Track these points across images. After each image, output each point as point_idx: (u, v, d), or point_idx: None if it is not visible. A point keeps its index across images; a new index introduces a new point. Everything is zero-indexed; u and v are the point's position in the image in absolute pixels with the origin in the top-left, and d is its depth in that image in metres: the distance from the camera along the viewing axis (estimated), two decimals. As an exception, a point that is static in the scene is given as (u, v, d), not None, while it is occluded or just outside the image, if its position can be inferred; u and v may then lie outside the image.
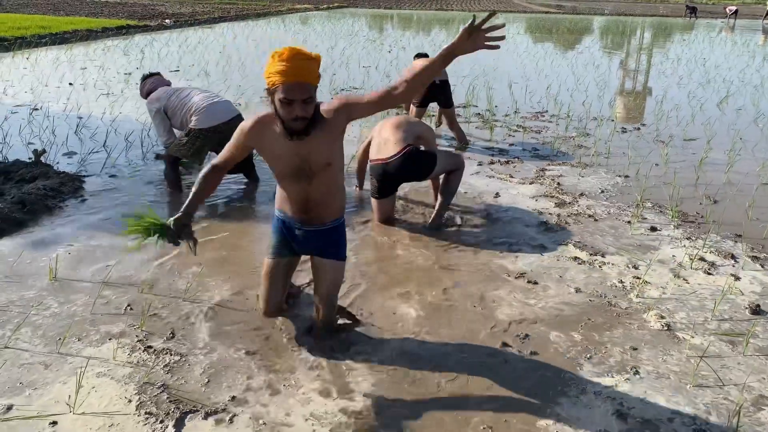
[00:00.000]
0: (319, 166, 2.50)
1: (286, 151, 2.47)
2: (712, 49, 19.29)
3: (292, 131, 2.39)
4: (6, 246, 3.85)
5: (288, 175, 2.54)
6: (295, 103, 2.30)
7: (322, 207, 2.64)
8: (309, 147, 2.46)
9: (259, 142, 2.52)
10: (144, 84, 5.09)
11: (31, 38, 14.83)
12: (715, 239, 4.27)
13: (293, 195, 2.61)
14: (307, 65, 2.31)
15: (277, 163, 2.53)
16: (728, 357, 2.87)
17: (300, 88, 2.29)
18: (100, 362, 2.69)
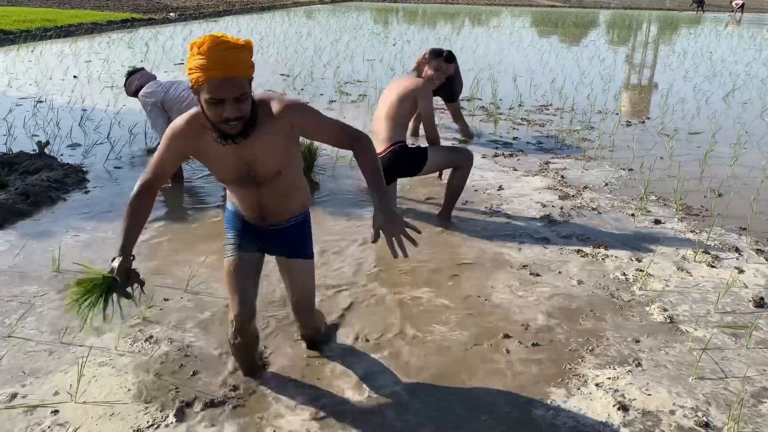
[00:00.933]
0: (267, 175, 2.13)
1: (228, 157, 2.06)
2: (719, 43, 19.17)
3: (226, 135, 1.95)
4: (10, 237, 3.86)
5: (232, 182, 2.17)
6: (225, 103, 1.88)
7: (278, 211, 2.31)
8: (253, 152, 2.06)
9: (195, 146, 2.07)
10: (131, 80, 4.97)
11: (36, 31, 14.84)
12: (719, 232, 4.25)
13: (244, 199, 2.26)
14: (234, 56, 1.87)
15: (218, 170, 2.14)
16: (730, 349, 2.86)
17: (228, 85, 1.86)
18: (101, 352, 2.70)
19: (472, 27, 24.54)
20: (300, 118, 2.07)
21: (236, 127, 1.93)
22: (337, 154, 5.57)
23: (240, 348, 2.43)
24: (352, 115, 7.46)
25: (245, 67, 1.92)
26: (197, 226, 4.17)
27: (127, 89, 5.03)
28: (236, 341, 2.39)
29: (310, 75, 10.48)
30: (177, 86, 4.80)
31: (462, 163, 4.24)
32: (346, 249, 3.82)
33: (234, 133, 1.95)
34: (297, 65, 11.54)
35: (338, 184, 5.03)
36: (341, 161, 5.50)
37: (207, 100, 1.89)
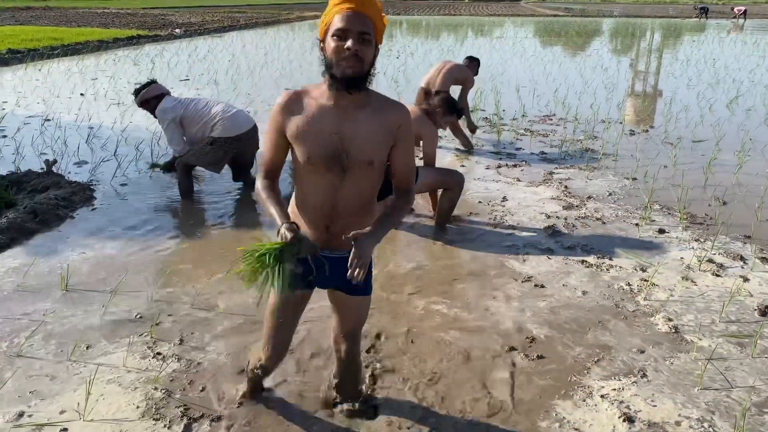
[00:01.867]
0: (358, 158, 1.93)
1: (324, 126, 1.91)
2: (722, 50, 19.18)
3: (342, 75, 1.81)
4: (19, 255, 3.91)
5: (318, 160, 1.92)
6: (350, 35, 1.80)
7: (350, 220, 2.01)
8: (353, 129, 1.91)
9: (292, 115, 1.95)
10: (149, 89, 4.99)
11: (43, 50, 15.02)
12: (723, 241, 4.25)
13: (318, 195, 1.99)
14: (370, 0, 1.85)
15: (309, 142, 1.93)
16: (735, 359, 2.86)
17: (357, 18, 1.80)
18: (110, 369, 2.73)
19: (476, 38, 24.66)
20: (406, 127, 1.98)
21: (353, 64, 1.80)
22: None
23: (257, 380, 2.51)
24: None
25: (377, 11, 1.86)
26: (205, 243, 4.20)
27: (143, 95, 4.98)
28: (256, 375, 2.43)
29: (314, 89, 10.54)
30: (196, 103, 4.89)
31: (452, 186, 4.33)
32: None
33: (349, 74, 1.81)
34: (302, 79, 11.62)
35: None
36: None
37: (334, 32, 1.81)
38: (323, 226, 2.03)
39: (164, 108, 4.86)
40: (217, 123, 4.75)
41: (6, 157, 6.02)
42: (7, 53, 14.11)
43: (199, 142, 4.86)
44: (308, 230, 2.05)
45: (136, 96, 5.03)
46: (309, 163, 1.94)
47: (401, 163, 2.02)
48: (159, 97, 4.95)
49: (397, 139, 1.96)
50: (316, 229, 2.04)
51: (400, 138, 1.96)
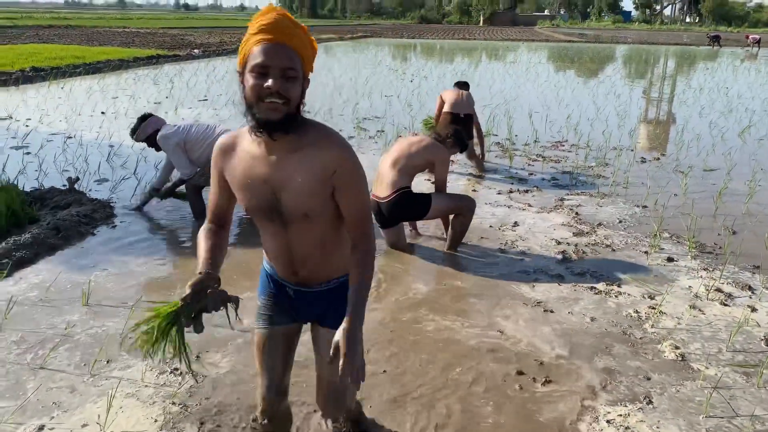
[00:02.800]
0: (294, 212, 1.75)
1: (255, 175, 1.73)
2: (736, 78, 19.24)
3: (265, 119, 1.60)
4: (42, 270, 4.03)
5: (256, 211, 1.81)
6: (271, 72, 1.57)
7: (312, 265, 1.89)
8: (282, 176, 1.71)
9: (227, 162, 1.79)
10: (147, 124, 5.02)
11: (66, 68, 15.37)
12: (732, 270, 4.30)
13: (272, 243, 1.89)
14: (291, 25, 1.62)
15: (242, 192, 1.79)
16: (741, 388, 2.90)
17: (277, 51, 1.58)
18: (129, 383, 2.82)
19: (489, 62, 24.89)
20: (344, 171, 1.72)
21: (277, 108, 1.58)
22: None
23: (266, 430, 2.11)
24: (370, 150, 7.63)
25: (301, 41, 1.63)
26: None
27: (140, 133, 5.01)
28: (262, 423, 2.09)
29: (329, 111, 10.73)
30: (198, 128, 4.94)
31: (463, 211, 4.42)
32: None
33: (274, 119, 1.59)
34: (317, 102, 11.81)
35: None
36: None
37: (251, 70, 1.58)
38: (290, 271, 1.91)
39: (166, 135, 4.88)
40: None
41: (29, 174, 6.19)
42: (30, 71, 14.45)
43: (203, 165, 4.86)
44: (279, 272, 1.96)
45: (134, 133, 5.02)
46: (249, 214, 1.84)
47: (347, 209, 1.78)
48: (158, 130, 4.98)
49: (336, 185, 1.73)
50: (285, 271, 1.93)
51: (340, 184, 1.73)
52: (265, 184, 1.73)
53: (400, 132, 8.83)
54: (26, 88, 12.76)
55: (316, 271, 1.91)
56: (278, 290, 2.02)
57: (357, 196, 1.77)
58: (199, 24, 57.87)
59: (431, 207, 4.29)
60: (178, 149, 4.89)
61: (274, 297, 2.04)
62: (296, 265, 1.89)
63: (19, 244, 4.21)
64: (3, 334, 3.21)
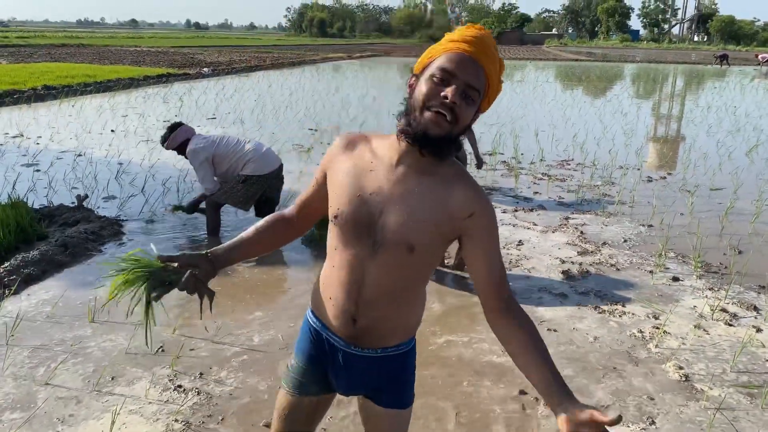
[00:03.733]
0: (393, 237, 1.43)
1: (365, 182, 1.47)
2: (744, 97, 19.24)
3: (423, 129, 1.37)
4: (50, 286, 4.07)
5: (345, 222, 1.47)
6: (454, 81, 1.36)
7: (379, 313, 1.52)
8: (401, 196, 1.43)
9: (339, 159, 1.54)
10: (176, 134, 5.03)
11: (77, 86, 15.57)
12: (737, 290, 4.29)
13: (344, 269, 1.50)
14: (494, 51, 1.42)
15: (340, 195, 1.50)
16: (745, 410, 2.88)
17: (472, 65, 1.37)
18: (133, 400, 2.84)
19: (497, 81, 24.97)
20: (487, 218, 1.45)
21: (443, 122, 1.36)
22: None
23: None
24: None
25: (495, 69, 1.43)
26: (230, 279, 4.33)
27: (171, 142, 5.01)
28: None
29: (337, 130, 10.81)
30: (227, 141, 4.95)
31: None
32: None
33: (434, 133, 1.36)
34: (324, 120, 11.90)
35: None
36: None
37: (434, 72, 1.38)
38: (349, 316, 1.52)
39: (196, 149, 4.88)
40: (249, 161, 4.84)
41: (39, 191, 6.27)
42: (42, 89, 14.65)
43: (229, 180, 4.92)
44: (331, 319, 1.56)
45: (165, 141, 5.03)
46: (335, 223, 1.50)
47: (488, 267, 1.46)
48: (189, 139, 5.00)
49: (471, 232, 1.44)
50: (341, 317, 1.54)
51: (476, 231, 1.44)
52: (375, 196, 1.44)
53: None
54: (38, 106, 12.93)
55: (380, 324, 1.53)
56: (320, 353, 1.64)
57: (496, 251, 1.48)
58: (210, 43, 58.55)
59: None
60: (206, 164, 4.89)
61: (312, 361, 1.66)
62: (360, 309, 1.50)
63: (28, 261, 4.26)
64: (11, 349, 3.25)
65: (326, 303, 1.56)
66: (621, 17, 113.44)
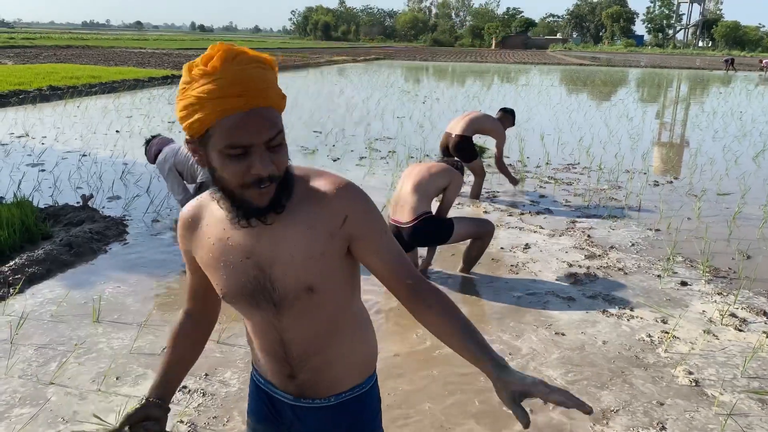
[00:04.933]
0: (290, 289, 1.25)
1: (231, 251, 1.27)
2: (750, 102, 19.19)
3: (251, 211, 1.18)
4: (55, 286, 4.05)
5: (236, 297, 1.31)
6: (252, 153, 1.12)
7: (317, 363, 1.35)
8: (271, 247, 1.24)
9: (193, 239, 1.33)
10: (150, 146, 5.11)
11: (82, 87, 15.61)
12: (746, 295, 4.25)
13: (261, 338, 1.38)
14: (261, 74, 1.13)
15: (216, 276, 1.31)
16: (757, 416, 2.85)
17: (257, 122, 1.11)
18: (137, 400, 2.81)
19: (501, 84, 25.00)
20: (361, 213, 1.26)
21: (268, 193, 1.16)
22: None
23: None
24: (381, 171, 7.65)
25: (276, 92, 1.16)
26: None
27: (148, 157, 5.15)
28: None
29: (341, 132, 10.80)
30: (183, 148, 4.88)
31: (483, 236, 4.41)
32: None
33: (264, 204, 1.17)
34: (329, 122, 11.89)
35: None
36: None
37: (222, 151, 1.11)
38: (285, 374, 1.37)
39: (160, 160, 4.91)
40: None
41: (44, 191, 6.26)
42: (48, 90, 14.69)
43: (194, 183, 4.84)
44: (271, 376, 1.41)
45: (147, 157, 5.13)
46: (228, 301, 1.33)
47: (383, 260, 1.28)
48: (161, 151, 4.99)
49: (354, 234, 1.25)
50: (279, 375, 1.39)
51: (358, 231, 1.25)
52: (248, 260, 1.25)
53: (412, 153, 8.87)
54: (43, 106, 12.96)
55: (323, 371, 1.36)
56: (270, 411, 1.46)
57: (384, 239, 1.29)
58: (214, 45, 58.47)
59: (454, 232, 4.25)
60: (172, 174, 4.85)
61: (264, 421, 1.48)
62: (294, 366, 1.35)
63: (33, 260, 4.24)
64: (16, 347, 3.23)
65: (262, 360, 1.41)
66: (625, 22, 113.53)
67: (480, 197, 6.66)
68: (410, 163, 7.79)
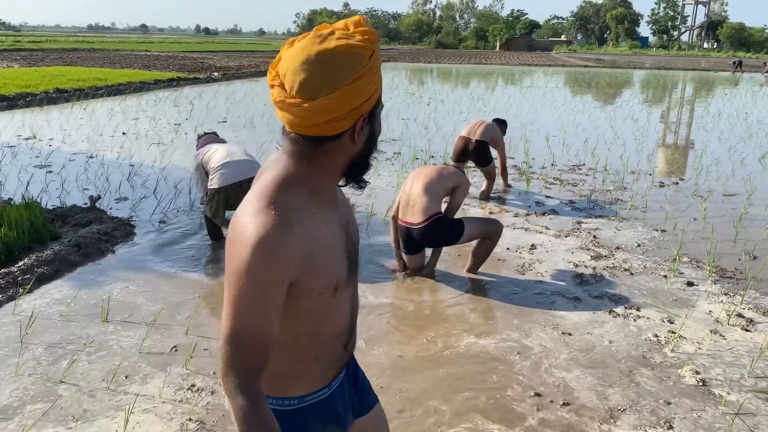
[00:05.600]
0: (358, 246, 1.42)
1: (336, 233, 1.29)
2: (755, 104, 19.13)
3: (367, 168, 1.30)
4: (64, 286, 4.08)
5: (345, 280, 1.31)
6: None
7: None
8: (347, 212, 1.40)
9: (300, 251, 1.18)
10: (197, 144, 5.25)
11: (89, 90, 15.68)
12: (753, 295, 4.24)
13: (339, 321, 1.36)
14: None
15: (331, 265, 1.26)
16: (765, 415, 2.85)
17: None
18: (146, 399, 2.83)
19: (506, 86, 24.99)
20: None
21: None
22: (371, 211, 5.75)
23: None
24: (387, 172, 7.67)
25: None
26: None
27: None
28: None
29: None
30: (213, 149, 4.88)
31: (492, 235, 4.43)
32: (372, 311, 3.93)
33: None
34: (334, 124, 11.90)
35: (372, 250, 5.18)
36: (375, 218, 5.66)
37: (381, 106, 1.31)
38: (340, 347, 1.39)
39: (195, 155, 5.06)
40: (216, 174, 4.62)
41: (52, 192, 6.30)
42: (54, 92, 14.76)
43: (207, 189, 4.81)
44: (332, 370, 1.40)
45: None
46: (332, 291, 1.27)
47: None
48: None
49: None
50: (330, 357, 1.38)
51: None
52: (343, 231, 1.31)
53: (417, 155, 8.88)
54: (50, 108, 13.02)
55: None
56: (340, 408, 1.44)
57: None
58: (219, 48, 58.82)
59: (465, 232, 4.27)
60: (197, 171, 4.98)
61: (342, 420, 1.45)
62: (353, 327, 1.43)
63: (41, 260, 4.27)
64: (26, 346, 3.25)
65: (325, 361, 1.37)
66: (630, 24, 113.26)
67: (488, 199, 6.68)
68: (415, 165, 7.81)
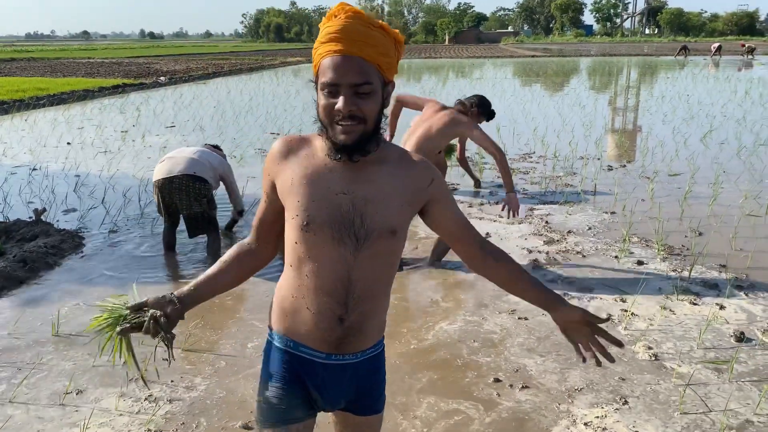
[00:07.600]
0: (377, 226, 1.44)
1: (328, 184, 1.44)
2: (695, 86, 19.76)
3: (340, 143, 1.38)
4: (9, 304, 3.94)
5: (321, 228, 1.43)
6: (341, 90, 1.35)
7: (366, 308, 1.50)
8: (370, 189, 1.45)
9: (286, 165, 1.49)
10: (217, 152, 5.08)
11: (29, 100, 15.16)
12: (700, 270, 4.39)
13: (326, 276, 1.46)
14: (364, 30, 1.38)
15: (306, 202, 1.44)
16: (714, 384, 2.95)
17: (350, 65, 1.35)
18: (102, 413, 2.76)
19: (456, 80, 25.19)
20: (440, 180, 1.55)
21: (351, 131, 1.36)
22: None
23: None
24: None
25: (377, 47, 1.38)
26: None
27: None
28: None
29: (299, 131, 10.73)
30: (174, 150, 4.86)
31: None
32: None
33: (348, 142, 1.37)
34: (286, 123, 11.82)
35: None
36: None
37: (320, 87, 1.38)
38: (335, 317, 1.47)
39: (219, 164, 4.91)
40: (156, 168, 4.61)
41: (-6, 207, 6.07)
42: (-8, 104, 14.22)
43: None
44: (309, 331, 1.49)
45: None
46: (308, 230, 1.43)
47: (455, 219, 1.58)
48: None
49: (433, 197, 1.53)
50: (324, 322, 1.47)
51: (438, 195, 1.53)
52: (344, 195, 1.42)
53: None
54: (-11, 121, 12.55)
55: (367, 318, 1.51)
56: (296, 372, 1.54)
57: (456, 204, 1.60)
58: (165, 52, 57.64)
59: None
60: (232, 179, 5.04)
61: (290, 383, 1.54)
62: (349, 307, 1.46)
63: (-15, 278, 4.12)
64: (-30, 370, 3.13)
65: (301, 315, 1.49)
66: (574, 13, 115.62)
67: None
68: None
